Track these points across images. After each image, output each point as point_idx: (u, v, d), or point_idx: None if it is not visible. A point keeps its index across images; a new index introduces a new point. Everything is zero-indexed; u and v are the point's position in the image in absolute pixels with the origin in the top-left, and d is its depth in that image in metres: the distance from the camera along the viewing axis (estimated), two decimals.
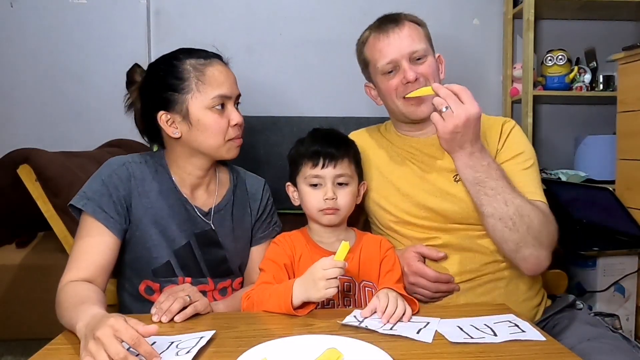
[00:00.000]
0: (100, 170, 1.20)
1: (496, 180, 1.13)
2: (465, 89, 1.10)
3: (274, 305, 1.05)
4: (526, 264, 1.16)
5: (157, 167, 1.24)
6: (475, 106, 1.09)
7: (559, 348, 0.89)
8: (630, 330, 2.00)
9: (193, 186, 1.25)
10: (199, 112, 1.18)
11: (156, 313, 1.02)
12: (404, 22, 1.29)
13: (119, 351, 0.78)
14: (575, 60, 2.45)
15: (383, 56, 1.27)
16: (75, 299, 1.00)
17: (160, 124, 1.20)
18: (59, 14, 2.31)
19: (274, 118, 2.31)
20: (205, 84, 1.18)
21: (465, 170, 1.15)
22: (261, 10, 2.39)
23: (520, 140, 1.30)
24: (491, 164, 1.15)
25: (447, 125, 1.09)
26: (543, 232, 1.14)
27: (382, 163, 1.37)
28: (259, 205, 1.34)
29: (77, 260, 1.12)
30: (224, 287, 1.27)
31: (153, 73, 1.23)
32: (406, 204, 1.29)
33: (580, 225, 2.13)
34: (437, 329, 0.96)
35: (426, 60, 1.28)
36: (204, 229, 1.24)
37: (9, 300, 2.10)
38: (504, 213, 1.12)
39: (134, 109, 1.27)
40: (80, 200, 1.15)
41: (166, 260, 1.20)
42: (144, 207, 1.19)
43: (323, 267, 1.01)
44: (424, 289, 1.22)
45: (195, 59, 1.20)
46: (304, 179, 1.18)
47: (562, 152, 2.55)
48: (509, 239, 1.14)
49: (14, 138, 2.09)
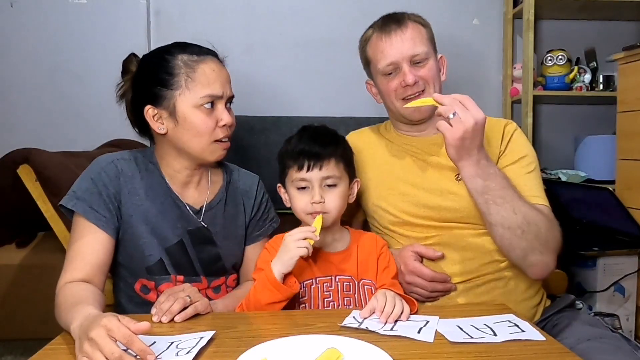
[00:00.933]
0: (88, 168, 1.19)
1: (504, 189, 1.13)
2: (469, 97, 1.10)
3: (260, 290, 1.07)
4: (534, 269, 1.17)
5: (147, 165, 1.23)
6: (480, 112, 1.09)
7: (558, 348, 0.89)
8: (630, 330, 2.00)
9: (183, 184, 1.24)
10: (186, 109, 1.15)
11: (156, 313, 1.02)
12: (407, 23, 1.28)
13: (114, 351, 0.77)
14: (575, 60, 2.45)
15: (384, 57, 1.27)
16: (71, 300, 1.00)
17: (146, 118, 1.18)
18: (59, 14, 2.31)
19: (274, 118, 2.32)
20: (195, 82, 1.15)
21: (473, 179, 1.14)
22: (261, 10, 2.39)
23: (523, 143, 1.30)
24: (497, 172, 1.15)
25: (455, 131, 1.08)
26: (550, 238, 1.15)
27: (381, 163, 1.37)
28: (253, 203, 1.32)
29: (73, 261, 1.11)
30: (218, 285, 1.26)
31: (145, 65, 1.21)
32: (406, 203, 1.29)
33: (580, 225, 2.13)
34: (437, 328, 0.96)
35: (427, 64, 1.27)
36: (197, 226, 1.23)
37: (9, 300, 2.10)
38: (512, 222, 1.12)
39: (125, 99, 1.25)
40: (70, 201, 1.14)
41: (158, 258, 1.19)
42: (134, 205, 1.18)
43: (290, 234, 1.07)
44: (421, 288, 1.22)
45: (187, 54, 1.17)
46: (291, 182, 1.16)
47: (562, 152, 2.55)
48: (517, 246, 1.14)
49: (14, 138, 2.09)
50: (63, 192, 1.18)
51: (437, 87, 1.30)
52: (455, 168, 1.19)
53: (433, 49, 1.32)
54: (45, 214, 1.44)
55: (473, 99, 1.11)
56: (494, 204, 1.13)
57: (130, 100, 1.24)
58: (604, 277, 1.98)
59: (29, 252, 2.14)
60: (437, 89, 1.29)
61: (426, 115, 1.31)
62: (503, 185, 1.13)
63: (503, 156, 1.27)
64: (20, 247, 2.13)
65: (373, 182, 1.35)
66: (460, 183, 1.24)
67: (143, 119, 1.20)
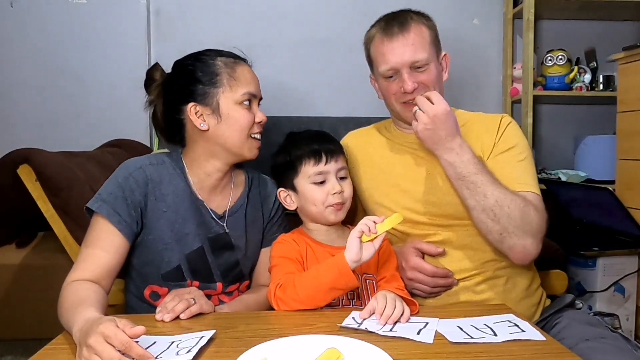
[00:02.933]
0: (116, 172, 1.19)
1: (476, 175, 1.18)
2: (435, 92, 1.21)
3: (325, 275, 1.05)
4: (513, 253, 1.19)
5: (174, 169, 1.23)
6: (442, 104, 1.17)
7: (558, 348, 0.89)
8: (630, 330, 2.00)
9: (210, 188, 1.24)
10: (229, 106, 1.20)
11: (160, 312, 1.02)
12: (410, 26, 1.27)
13: (112, 356, 0.78)
14: (575, 60, 2.45)
15: (384, 61, 1.27)
16: (75, 299, 1.00)
17: (189, 116, 1.20)
18: (59, 14, 2.31)
19: (274, 118, 2.29)
20: (237, 80, 1.20)
21: (447, 167, 1.20)
22: (261, 10, 2.39)
23: (516, 133, 1.31)
24: (471, 159, 1.19)
25: (418, 124, 1.18)
26: (526, 221, 1.17)
27: (382, 161, 1.37)
28: (271, 208, 1.34)
29: (85, 260, 1.11)
30: (231, 290, 1.27)
31: (181, 68, 1.24)
32: (407, 200, 1.29)
33: (580, 225, 2.13)
34: (437, 329, 0.96)
35: (427, 69, 1.27)
36: (218, 232, 1.24)
37: (9, 300, 2.10)
38: (484, 205, 1.17)
39: (155, 107, 1.27)
40: (95, 203, 1.14)
41: (177, 264, 1.20)
42: (160, 211, 1.18)
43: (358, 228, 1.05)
44: (422, 284, 1.22)
45: (225, 57, 1.24)
46: (307, 178, 1.18)
47: (562, 152, 2.55)
48: (492, 229, 1.18)
49: (14, 138, 2.09)
50: (63, 192, 1.18)
51: (438, 89, 1.29)
52: None
53: (436, 50, 1.31)
54: (45, 214, 1.44)
55: (473, 98, 1.12)
56: (467, 189, 1.18)
57: (163, 105, 1.26)
58: (604, 277, 1.98)
59: (29, 252, 2.14)
60: (438, 91, 1.28)
61: None
62: (476, 170, 1.18)
63: (497, 145, 1.29)
64: (20, 247, 2.14)
65: (374, 181, 1.35)
66: None
67: (175, 123, 1.23)
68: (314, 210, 1.19)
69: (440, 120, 1.16)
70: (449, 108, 1.18)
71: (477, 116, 1.37)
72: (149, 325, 0.97)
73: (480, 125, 1.32)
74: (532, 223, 1.18)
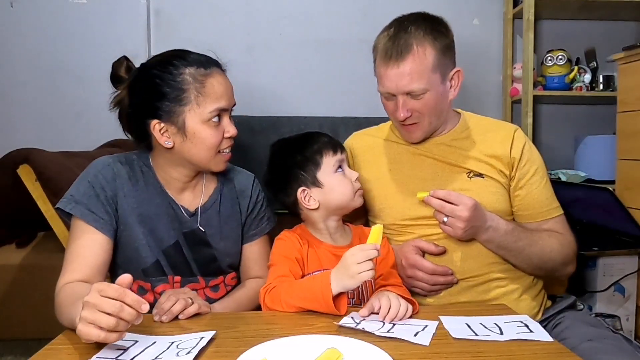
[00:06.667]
0: (85, 171, 1.18)
1: (515, 243, 1.22)
2: (449, 191, 1.16)
3: (310, 302, 1.04)
4: (559, 280, 1.36)
5: (142, 168, 1.22)
6: (467, 200, 1.14)
7: (559, 348, 0.89)
8: (630, 331, 2.00)
9: (179, 188, 1.24)
10: (196, 125, 1.14)
11: (157, 313, 1.02)
12: (409, 53, 1.19)
13: (112, 305, 0.79)
14: (575, 60, 2.45)
15: (381, 84, 1.25)
16: (73, 297, 1.00)
17: (152, 132, 1.16)
18: (59, 14, 2.31)
19: (274, 118, 2.32)
20: (205, 96, 1.14)
21: (487, 244, 1.24)
22: (261, 11, 2.39)
23: (534, 152, 1.33)
24: (507, 231, 1.22)
25: (456, 231, 1.17)
26: (566, 258, 1.28)
27: (389, 162, 1.35)
28: (248, 202, 1.31)
29: (72, 262, 1.11)
30: (216, 284, 1.26)
31: (147, 77, 1.17)
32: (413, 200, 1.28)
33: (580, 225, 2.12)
34: (444, 324, 0.97)
35: (423, 97, 1.22)
36: (192, 227, 1.23)
37: (9, 300, 2.09)
38: (529, 263, 1.25)
39: (121, 106, 1.23)
40: (68, 204, 1.14)
41: (155, 260, 1.19)
42: (130, 207, 1.18)
43: (352, 254, 1.01)
44: (422, 281, 1.21)
45: (195, 68, 1.15)
46: (331, 167, 1.17)
47: (562, 152, 2.55)
48: (540, 274, 1.30)
49: (14, 138, 2.10)
50: (63, 192, 1.17)
51: (435, 115, 1.26)
52: (467, 167, 1.27)
53: (440, 72, 1.23)
54: (45, 214, 1.45)
55: (473, 98, 1.11)
56: (511, 255, 1.24)
57: (128, 109, 1.21)
58: (604, 277, 1.98)
59: (29, 252, 2.14)
60: (435, 118, 1.27)
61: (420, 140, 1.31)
62: (514, 238, 1.22)
63: (521, 168, 1.28)
64: (20, 247, 2.14)
65: (380, 182, 1.34)
66: (472, 180, 1.27)
67: (143, 128, 1.18)
68: (345, 199, 1.17)
69: (474, 217, 1.16)
70: (473, 200, 1.15)
71: (485, 121, 1.37)
72: (149, 325, 0.98)
73: (493, 135, 1.32)
74: (570, 254, 1.28)
